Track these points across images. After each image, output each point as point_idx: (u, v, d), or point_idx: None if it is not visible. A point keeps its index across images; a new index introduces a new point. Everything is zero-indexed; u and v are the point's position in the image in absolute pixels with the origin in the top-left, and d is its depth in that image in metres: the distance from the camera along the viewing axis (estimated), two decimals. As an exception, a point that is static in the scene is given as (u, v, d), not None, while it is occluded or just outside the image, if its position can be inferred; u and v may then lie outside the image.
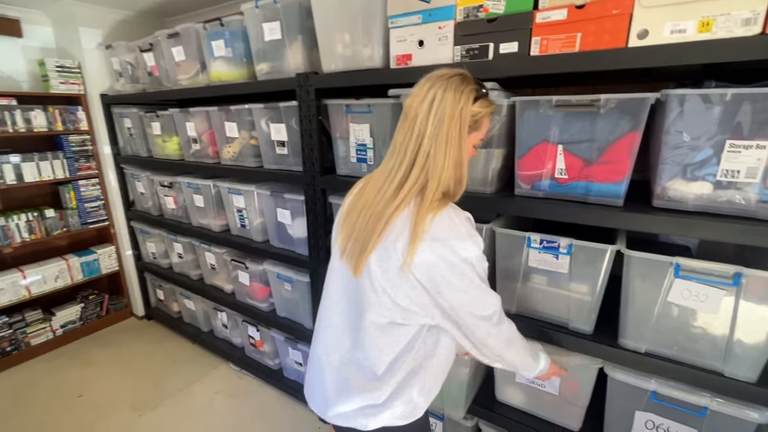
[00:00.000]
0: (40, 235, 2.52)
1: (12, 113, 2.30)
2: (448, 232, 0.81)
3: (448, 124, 0.81)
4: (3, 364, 2.45)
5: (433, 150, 0.82)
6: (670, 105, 0.94)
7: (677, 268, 0.97)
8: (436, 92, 0.82)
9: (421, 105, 0.83)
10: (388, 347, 0.88)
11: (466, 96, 0.82)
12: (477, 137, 0.91)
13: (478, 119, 0.87)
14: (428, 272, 0.81)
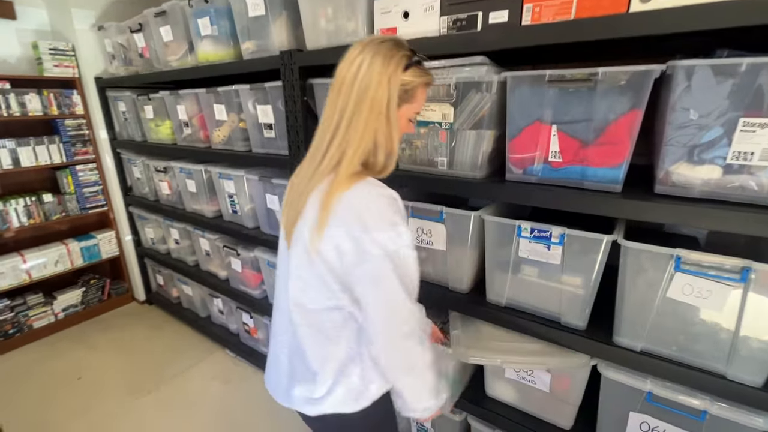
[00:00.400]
0: (39, 219, 2.53)
1: (6, 97, 2.28)
2: (358, 212, 0.74)
3: (374, 91, 0.75)
4: (6, 346, 2.49)
5: (355, 118, 0.76)
6: (676, 78, 0.84)
7: (678, 260, 0.88)
8: (365, 57, 0.76)
9: (348, 71, 0.77)
10: (315, 335, 0.85)
11: (396, 62, 0.76)
12: (411, 110, 0.84)
13: (409, 89, 0.80)
14: (335, 258, 0.77)
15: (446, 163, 1.23)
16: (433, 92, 1.17)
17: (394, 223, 0.75)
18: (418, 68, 0.81)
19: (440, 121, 1.19)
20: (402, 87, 0.78)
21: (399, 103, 0.80)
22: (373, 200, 0.76)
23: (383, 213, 0.75)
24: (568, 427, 1.25)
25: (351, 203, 0.75)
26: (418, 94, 0.83)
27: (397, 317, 0.78)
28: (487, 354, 1.15)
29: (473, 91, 1.12)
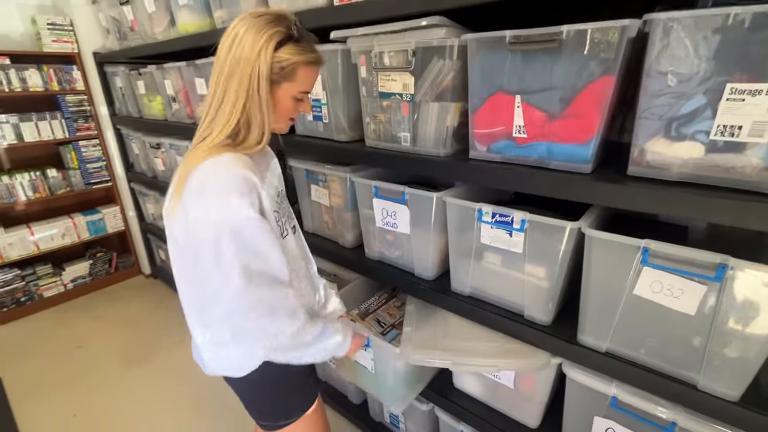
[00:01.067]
0: (44, 193, 2.61)
1: (6, 72, 2.33)
2: (203, 183, 0.73)
3: (243, 66, 0.74)
4: (19, 312, 2.64)
5: (227, 93, 0.76)
6: (653, 36, 0.70)
7: (645, 253, 0.76)
8: (238, 31, 0.75)
9: (223, 44, 0.77)
10: (188, 304, 0.86)
11: (267, 38, 0.74)
12: (293, 88, 0.81)
13: (286, 67, 0.77)
14: (183, 231, 0.78)
15: (410, 139, 1.13)
16: (393, 60, 1.07)
17: (227, 194, 0.73)
18: (296, 46, 0.77)
19: (401, 92, 1.08)
20: (277, 64, 0.76)
21: (277, 81, 0.79)
22: (223, 172, 0.74)
23: (219, 186, 0.73)
24: (534, 426, 1.16)
25: (200, 175, 0.74)
26: (299, 74, 0.80)
27: (237, 301, 0.76)
28: (436, 354, 1.07)
29: (435, 58, 1.00)
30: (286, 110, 0.84)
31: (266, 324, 0.79)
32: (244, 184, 0.74)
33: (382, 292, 1.52)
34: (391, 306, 1.45)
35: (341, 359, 1.35)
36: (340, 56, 1.21)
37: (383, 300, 1.48)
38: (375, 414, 1.67)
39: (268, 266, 0.78)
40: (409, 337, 1.13)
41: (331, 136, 1.37)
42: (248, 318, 0.77)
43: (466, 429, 1.29)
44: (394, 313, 1.42)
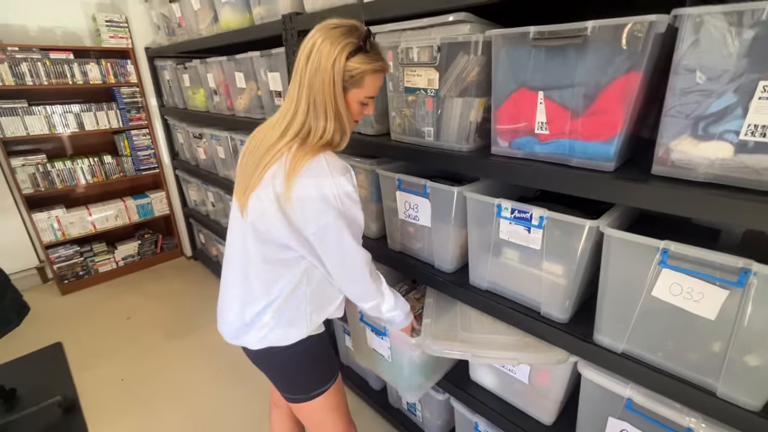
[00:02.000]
0: (101, 178, 2.86)
1: (71, 66, 2.55)
2: (319, 171, 0.85)
3: (322, 76, 0.83)
4: (78, 285, 2.92)
5: (314, 100, 0.85)
6: (681, 32, 0.68)
7: (665, 254, 0.74)
8: (316, 41, 0.83)
9: (302, 53, 0.85)
10: (266, 282, 0.95)
11: (340, 49, 0.82)
12: (360, 94, 0.89)
13: (355, 75, 0.85)
14: (301, 207, 0.85)
15: (433, 134, 1.15)
16: (418, 55, 1.08)
17: (343, 174, 0.87)
18: (365, 56, 0.85)
19: (426, 87, 1.10)
20: (347, 72, 0.84)
21: (347, 88, 0.86)
22: (330, 164, 0.86)
23: (338, 171, 0.86)
24: (549, 423, 1.17)
25: (314, 165, 0.85)
26: (366, 81, 0.87)
27: (349, 259, 0.93)
28: (455, 345, 1.10)
29: (460, 54, 1.01)
30: (353, 113, 0.92)
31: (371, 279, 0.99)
32: (349, 172, 0.89)
33: (402, 284, 1.56)
34: (411, 298, 1.49)
35: (360, 345, 1.42)
36: (369, 51, 1.24)
37: (403, 291, 1.51)
38: (394, 400, 1.72)
39: (361, 229, 0.95)
40: (429, 328, 1.16)
41: (358, 129, 1.41)
42: (363, 271, 0.96)
43: (480, 421, 1.31)
44: (414, 305, 1.45)
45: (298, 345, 0.99)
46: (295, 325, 0.98)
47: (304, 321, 0.99)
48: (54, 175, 2.66)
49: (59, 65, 2.50)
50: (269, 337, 0.97)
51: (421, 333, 1.16)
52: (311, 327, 1.01)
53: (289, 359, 1.02)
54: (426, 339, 1.13)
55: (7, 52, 2.33)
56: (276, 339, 0.98)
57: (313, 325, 1.01)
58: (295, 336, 0.98)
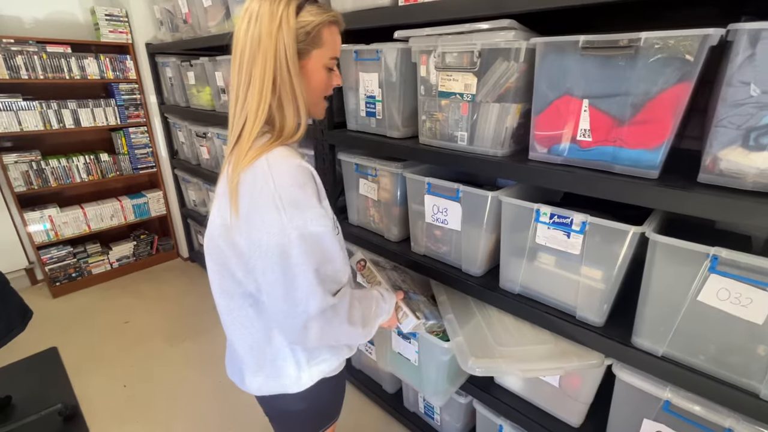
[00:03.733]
0: (97, 176, 2.76)
1: (68, 60, 2.46)
2: (254, 193, 0.67)
3: (266, 42, 0.67)
4: (70, 287, 2.81)
5: (253, 79, 0.69)
6: (737, 46, 0.70)
7: (714, 261, 0.77)
8: (253, 7, 0.68)
9: (240, 27, 0.70)
10: (234, 322, 0.85)
11: (284, 4, 0.67)
12: (323, 55, 0.75)
13: (312, 31, 0.71)
14: (244, 244, 0.72)
15: (466, 138, 1.15)
16: (455, 60, 1.09)
17: (293, 201, 0.67)
18: (315, 5, 0.73)
19: (462, 92, 1.11)
20: (301, 30, 0.70)
21: (306, 50, 0.72)
22: (273, 177, 0.67)
23: (282, 191, 0.67)
24: (577, 425, 1.18)
25: (246, 189, 0.68)
26: (324, 35, 0.74)
27: (298, 300, 0.70)
28: (500, 363, 1.07)
29: (499, 60, 1.02)
30: (321, 83, 0.78)
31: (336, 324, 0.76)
32: (302, 179, 0.69)
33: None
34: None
35: (382, 348, 1.40)
36: (399, 54, 1.24)
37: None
38: (409, 404, 1.71)
39: (334, 264, 0.75)
40: (462, 348, 1.12)
41: (383, 132, 1.40)
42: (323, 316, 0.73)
43: (505, 424, 1.32)
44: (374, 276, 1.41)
45: (300, 395, 0.88)
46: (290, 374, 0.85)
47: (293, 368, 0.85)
48: (48, 173, 2.56)
49: (56, 59, 2.41)
50: (267, 385, 0.88)
51: (458, 352, 1.11)
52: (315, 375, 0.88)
53: (293, 407, 0.91)
54: (467, 361, 1.08)
55: (2, 44, 2.23)
56: (274, 387, 0.87)
57: (318, 369, 0.88)
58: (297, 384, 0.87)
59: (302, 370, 0.86)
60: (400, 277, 1.27)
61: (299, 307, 0.70)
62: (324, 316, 0.72)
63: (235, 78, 0.72)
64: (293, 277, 0.69)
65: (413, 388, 1.61)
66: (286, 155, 0.71)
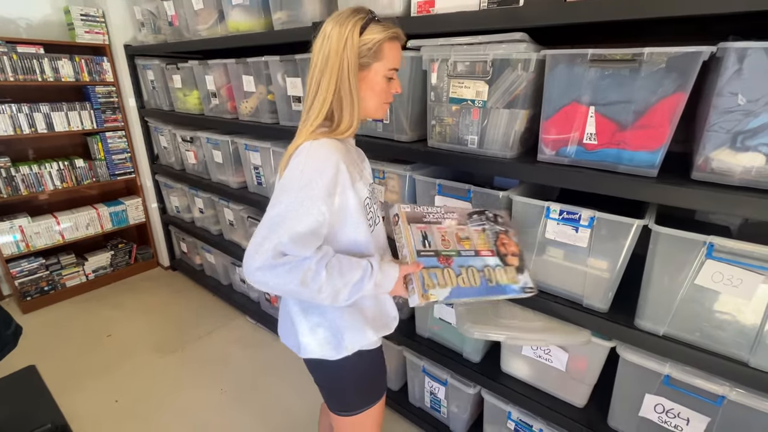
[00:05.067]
0: (71, 183, 2.62)
1: (40, 62, 2.33)
2: (289, 167, 0.83)
3: (332, 60, 0.82)
4: (42, 302, 2.64)
5: (320, 87, 0.84)
6: (726, 61, 0.81)
7: (710, 248, 0.88)
8: (327, 29, 0.83)
9: (315, 43, 0.86)
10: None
11: (351, 26, 0.81)
12: (384, 67, 0.87)
13: (372, 47, 0.84)
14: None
15: (477, 142, 1.23)
16: (468, 69, 1.16)
17: (309, 179, 0.79)
18: (377, 24, 0.84)
19: (473, 98, 1.18)
20: (364, 47, 0.83)
21: (367, 63, 0.85)
22: (304, 160, 0.81)
23: (306, 168, 0.80)
24: (582, 405, 1.28)
25: (295, 155, 0.84)
26: (385, 50, 0.85)
27: (259, 245, 0.77)
28: (492, 329, 1.18)
29: (509, 69, 1.10)
30: (381, 91, 0.89)
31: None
32: (330, 172, 0.80)
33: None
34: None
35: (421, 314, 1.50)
36: (409, 62, 1.30)
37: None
38: (415, 399, 1.77)
39: (300, 237, 0.79)
40: (463, 316, 1.23)
41: (390, 136, 1.46)
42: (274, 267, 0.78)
43: (513, 410, 1.40)
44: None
45: (344, 361, 0.95)
46: (331, 340, 0.93)
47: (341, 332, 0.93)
48: (18, 180, 2.40)
49: (28, 60, 2.28)
50: (311, 347, 0.95)
51: (457, 320, 1.18)
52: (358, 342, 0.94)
53: (338, 373, 0.98)
54: (464, 325, 1.19)
55: (-33, 43, 2.09)
56: (318, 350, 0.95)
57: (354, 340, 0.94)
58: (341, 351, 0.93)
59: (342, 338, 0.93)
60: (452, 230, 1.02)
61: (259, 247, 0.77)
62: (274, 267, 0.77)
63: (308, 85, 0.88)
64: (267, 223, 0.79)
65: (417, 384, 1.67)
66: (326, 145, 0.83)
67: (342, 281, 0.82)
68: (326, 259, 0.81)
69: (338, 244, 0.89)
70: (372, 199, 0.96)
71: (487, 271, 0.97)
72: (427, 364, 1.61)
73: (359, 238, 0.90)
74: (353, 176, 0.86)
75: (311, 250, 0.80)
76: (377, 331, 0.97)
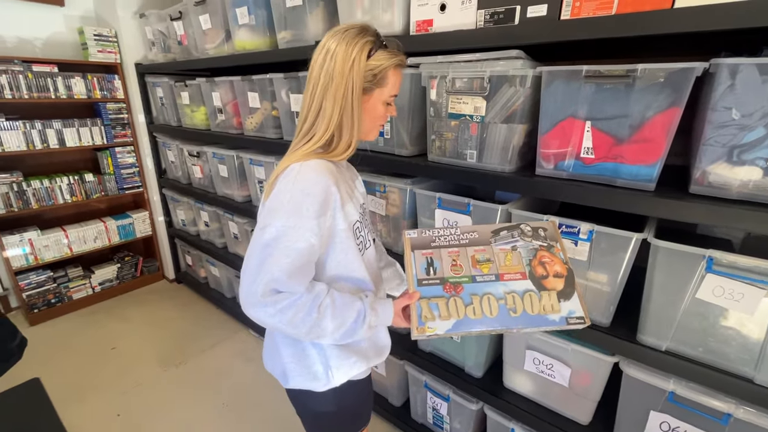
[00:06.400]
0: (81, 197, 2.68)
1: (54, 80, 2.41)
2: (277, 190, 0.78)
3: (337, 80, 0.78)
4: (49, 314, 2.67)
5: (324, 107, 0.80)
6: (719, 77, 0.82)
7: (710, 261, 0.87)
8: (330, 45, 0.79)
9: (317, 59, 0.81)
10: None
11: (359, 48, 0.78)
12: (384, 93, 0.85)
13: (378, 73, 0.81)
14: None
15: (476, 156, 1.24)
16: (466, 85, 1.19)
17: (297, 204, 0.76)
18: (385, 51, 0.81)
19: (472, 114, 1.20)
20: (370, 72, 0.80)
21: (370, 88, 0.82)
22: (292, 183, 0.77)
23: (295, 192, 0.76)
24: (586, 422, 1.26)
25: (282, 176, 0.80)
26: (389, 77, 0.83)
27: (252, 283, 0.76)
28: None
29: (506, 85, 1.12)
30: (379, 116, 0.87)
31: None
32: (316, 197, 0.77)
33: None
34: None
35: None
36: (409, 79, 1.33)
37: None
38: (417, 415, 1.74)
39: (286, 271, 0.76)
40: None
41: (391, 150, 1.48)
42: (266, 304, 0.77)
43: (516, 427, 1.37)
44: None
45: (326, 396, 0.91)
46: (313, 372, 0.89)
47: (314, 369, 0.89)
48: (30, 195, 2.46)
49: (42, 78, 2.36)
50: (291, 379, 0.91)
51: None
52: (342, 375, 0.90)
53: (316, 403, 0.94)
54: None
55: (-16, 63, 2.17)
56: (299, 382, 0.91)
57: (341, 371, 0.90)
58: (319, 384, 0.90)
59: (329, 369, 0.89)
60: (467, 253, 0.89)
61: (250, 286, 0.76)
62: (265, 306, 0.75)
63: (306, 100, 0.83)
64: (258, 254, 0.76)
65: (419, 400, 1.65)
66: (316, 168, 0.79)
67: (333, 324, 0.79)
68: (319, 299, 0.79)
69: (327, 269, 0.87)
70: (362, 222, 0.92)
71: (510, 299, 0.81)
72: (429, 379, 1.59)
73: (349, 262, 0.87)
74: (344, 198, 0.83)
75: (304, 284, 0.78)
76: (369, 361, 0.93)
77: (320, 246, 0.81)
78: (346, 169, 0.96)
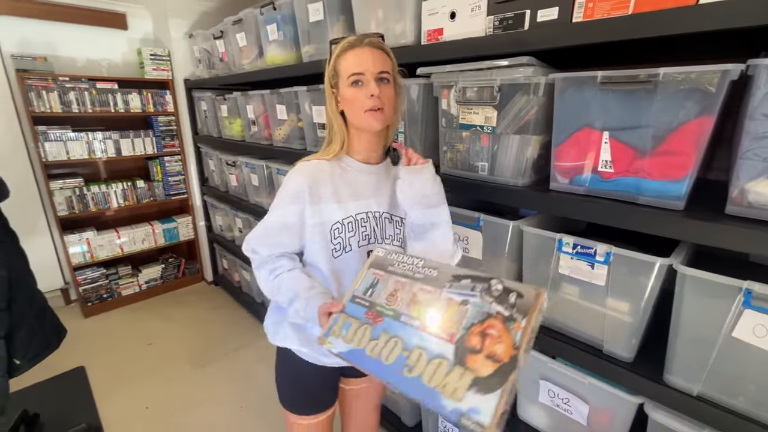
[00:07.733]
0: (132, 202, 2.92)
1: (114, 96, 2.67)
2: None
3: (325, 86, 0.93)
4: (101, 308, 2.91)
5: (327, 117, 0.97)
6: (757, 80, 0.71)
7: (748, 295, 0.74)
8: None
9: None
10: None
11: (329, 56, 0.90)
12: (345, 79, 0.88)
13: (334, 66, 0.89)
14: None
15: (487, 169, 1.18)
16: (476, 95, 1.13)
17: (281, 189, 0.94)
18: (336, 46, 0.89)
19: (482, 124, 1.14)
20: (331, 72, 0.90)
21: (336, 84, 0.90)
22: (284, 177, 0.96)
23: (281, 188, 0.95)
24: (608, 469, 1.12)
25: None
26: (340, 66, 0.88)
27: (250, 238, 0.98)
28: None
29: (519, 94, 1.06)
30: (354, 101, 0.86)
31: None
32: (291, 186, 0.92)
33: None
34: None
35: None
36: (421, 89, 1.30)
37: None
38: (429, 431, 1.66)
39: (268, 235, 0.95)
40: None
41: (405, 161, 1.44)
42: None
43: (530, 464, 1.26)
44: None
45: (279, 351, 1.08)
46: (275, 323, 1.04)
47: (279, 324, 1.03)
48: (89, 198, 2.72)
49: (104, 94, 2.62)
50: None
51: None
52: (284, 336, 1.02)
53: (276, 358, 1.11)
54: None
55: (57, 81, 2.45)
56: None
57: (284, 335, 1.02)
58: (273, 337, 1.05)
59: (277, 328, 1.03)
60: (412, 288, 0.76)
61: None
62: (252, 260, 0.97)
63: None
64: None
65: (431, 422, 1.57)
66: (299, 168, 0.94)
67: (282, 297, 0.92)
68: (278, 271, 0.93)
69: (305, 254, 0.98)
70: (347, 227, 0.91)
71: (416, 355, 0.66)
72: (439, 402, 1.51)
73: (314, 254, 0.94)
74: (321, 197, 0.90)
75: (268, 250, 0.94)
76: (301, 342, 0.99)
77: (296, 228, 0.93)
78: (355, 173, 0.95)
